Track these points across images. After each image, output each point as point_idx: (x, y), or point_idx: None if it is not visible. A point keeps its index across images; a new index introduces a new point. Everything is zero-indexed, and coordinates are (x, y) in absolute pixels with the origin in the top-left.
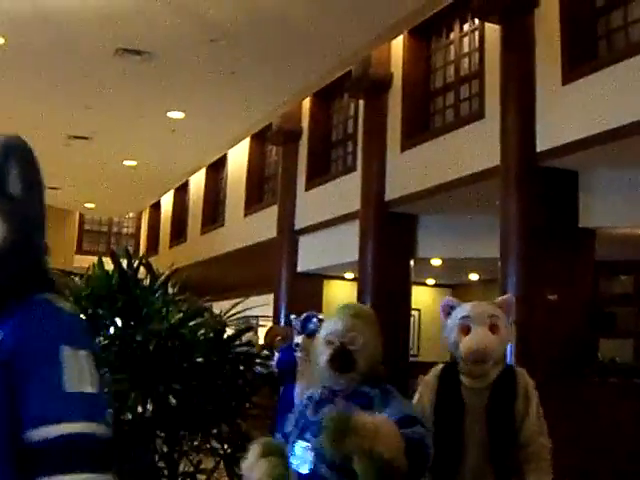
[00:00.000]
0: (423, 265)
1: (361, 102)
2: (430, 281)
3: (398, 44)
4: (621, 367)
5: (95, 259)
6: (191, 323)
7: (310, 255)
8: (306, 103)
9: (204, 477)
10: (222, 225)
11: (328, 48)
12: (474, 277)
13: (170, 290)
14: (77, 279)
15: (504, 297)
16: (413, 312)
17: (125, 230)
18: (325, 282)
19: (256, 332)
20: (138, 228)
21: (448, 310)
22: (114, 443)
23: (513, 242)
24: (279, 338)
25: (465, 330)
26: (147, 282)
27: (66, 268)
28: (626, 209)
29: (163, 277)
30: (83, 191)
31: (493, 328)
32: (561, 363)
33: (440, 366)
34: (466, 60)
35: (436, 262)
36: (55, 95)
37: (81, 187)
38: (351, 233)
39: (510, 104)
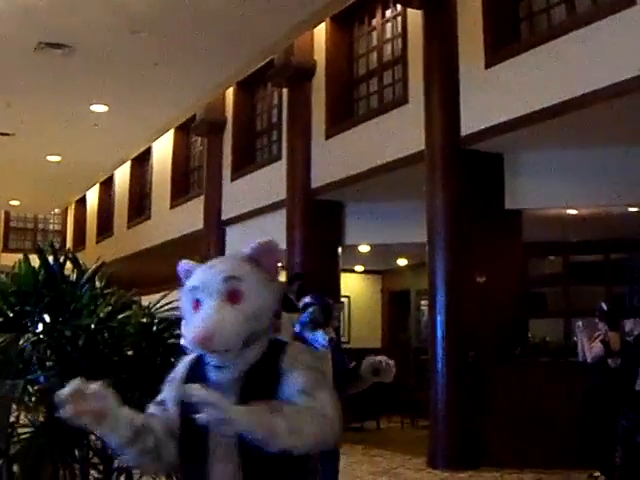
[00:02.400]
0: (351, 252)
1: (285, 91)
2: (359, 268)
3: (320, 32)
4: (552, 347)
5: (22, 256)
6: (120, 316)
7: (237, 245)
8: (230, 93)
9: (139, 471)
10: (148, 218)
11: (250, 37)
12: (403, 262)
13: (97, 284)
14: (3, 276)
15: (260, 242)
16: (342, 299)
17: (51, 226)
18: None
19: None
20: (64, 224)
21: (185, 277)
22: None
23: (440, 226)
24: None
25: (195, 306)
26: (74, 277)
27: None
28: (552, 190)
29: (90, 271)
30: (7, 188)
31: (233, 296)
32: (492, 344)
33: (190, 357)
34: (389, 46)
35: (364, 248)
36: None
37: (5, 184)
38: (278, 222)
39: (434, 89)
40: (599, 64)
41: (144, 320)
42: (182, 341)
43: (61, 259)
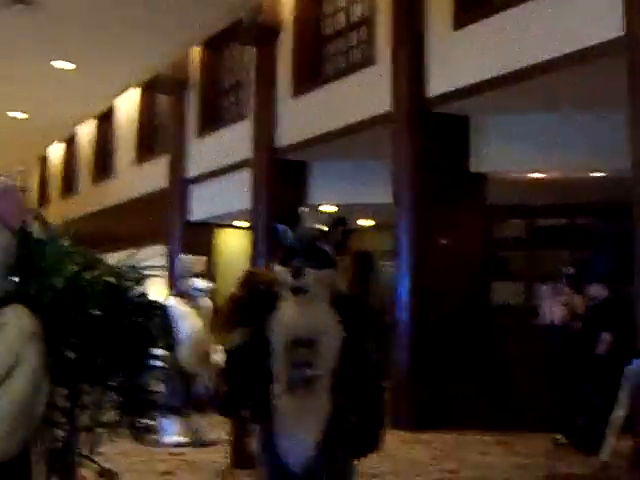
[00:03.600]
0: (315, 212)
1: (252, 49)
2: (323, 228)
3: None
4: (514, 310)
5: None
6: (87, 276)
7: (202, 204)
8: (196, 51)
9: (105, 431)
10: (113, 176)
11: None
12: (368, 223)
13: (64, 243)
14: None
15: None
16: None
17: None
18: (218, 231)
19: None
20: (27, 182)
21: None
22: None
23: (405, 187)
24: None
25: None
26: (40, 236)
27: None
28: (517, 153)
29: (57, 228)
30: None
31: None
32: (455, 307)
33: None
34: (357, 7)
35: (328, 209)
36: None
37: None
38: (243, 181)
39: (401, 50)
40: (566, 29)
41: (111, 279)
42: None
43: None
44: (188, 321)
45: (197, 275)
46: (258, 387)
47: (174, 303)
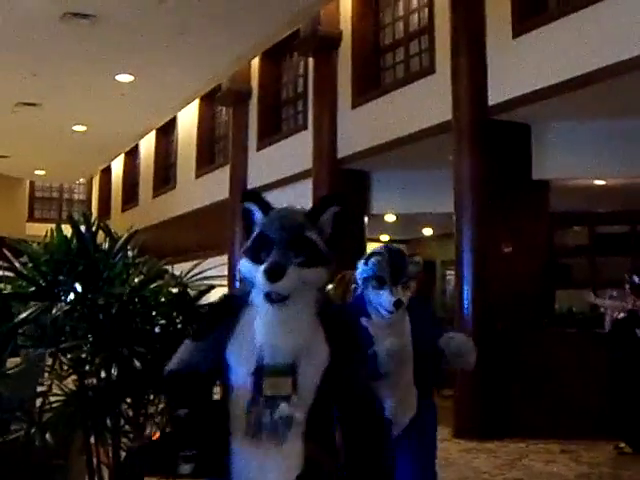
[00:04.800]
0: (377, 221)
1: (311, 60)
2: (384, 237)
3: (347, 1)
4: (578, 317)
5: (47, 226)
6: (152, 285)
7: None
8: (255, 63)
9: None
10: (174, 188)
11: (277, 6)
12: (428, 232)
13: (129, 253)
14: (35, 245)
15: None
16: None
17: (76, 196)
18: None
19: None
20: (89, 194)
21: None
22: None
23: (467, 196)
24: (354, 286)
25: None
26: (106, 246)
27: (18, 236)
28: (579, 160)
29: (122, 240)
30: (33, 158)
31: None
32: (519, 315)
33: None
34: (415, 16)
35: (390, 218)
36: (1, 63)
37: (31, 154)
38: (304, 192)
39: (461, 59)
40: (628, 33)
41: (176, 289)
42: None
43: (93, 228)
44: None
45: None
46: (206, 431)
47: None
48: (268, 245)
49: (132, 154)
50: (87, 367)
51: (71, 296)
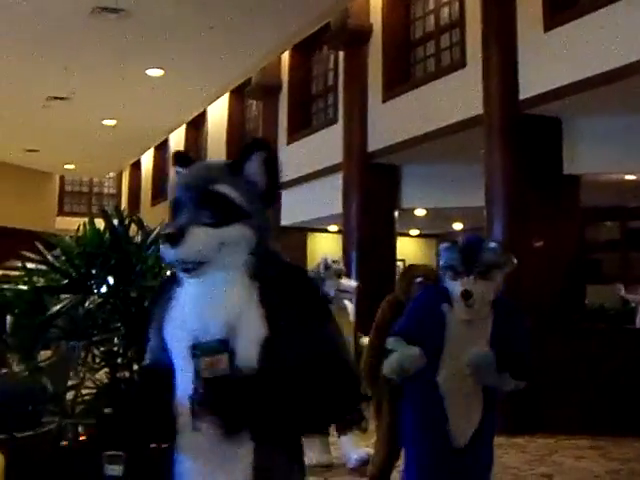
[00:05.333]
0: (407, 216)
1: (341, 54)
2: (414, 232)
3: None
4: (609, 313)
5: (77, 220)
6: None
7: (294, 209)
8: (285, 57)
9: None
10: None
11: (307, 0)
12: (458, 226)
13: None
14: (68, 238)
15: None
16: (398, 263)
17: (106, 190)
18: (309, 235)
19: None
20: (119, 188)
21: None
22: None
23: (498, 191)
24: (419, 280)
25: None
26: (138, 239)
27: (48, 230)
28: (610, 155)
29: (155, 233)
30: (63, 152)
31: None
32: (550, 310)
33: None
34: (446, 9)
35: (420, 212)
36: (33, 57)
37: (61, 148)
38: (334, 186)
39: (492, 52)
40: None
41: None
42: None
43: (126, 221)
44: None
45: (340, 275)
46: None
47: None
48: (178, 209)
49: (162, 148)
50: (119, 360)
51: (104, 289)
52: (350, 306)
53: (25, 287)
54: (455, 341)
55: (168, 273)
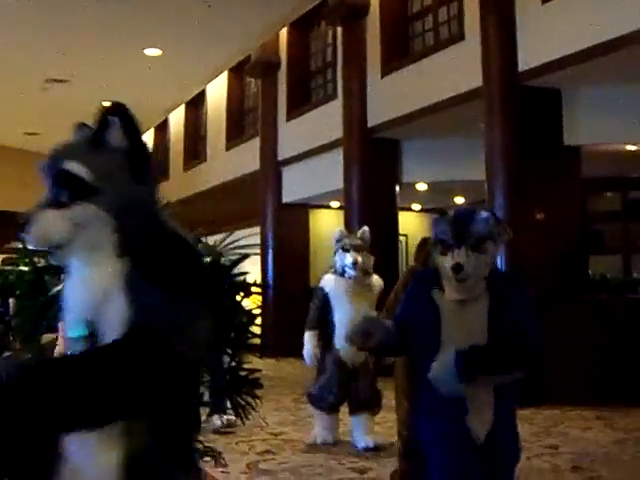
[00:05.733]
0: (409, 190)
1: (339, 29)
2: (416, 206)
3: None
4: (612, 283)
5: None
6: None
7: (295, 186)
8: (283, 33)
9: (207, 410)
10: (204, 160)
11: None
12: (460, 200)
13: None
14: None
15: None
16: (400, 238)
17: None
18: (311, 212)
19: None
20: None
21: None
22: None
23: (498, 163)
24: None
25: None
26: None
27: None
28: (611, 125)
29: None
30: (63, 135)
31: None
32: (553, 281)
33: None
34: None
35: (421, 187)
36: (31, 39)
37: (61, 131)
38: (335, 161)
39: (490, 25)
40: None
41: (209, 259)
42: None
43: None
44: (344, 305)
45: (352, 249)
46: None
47: (328, 283)
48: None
49: (162, 128)
50: None
51: None
52: (376, 281)
53: (26, 268)
54: (450, 326)
55: None
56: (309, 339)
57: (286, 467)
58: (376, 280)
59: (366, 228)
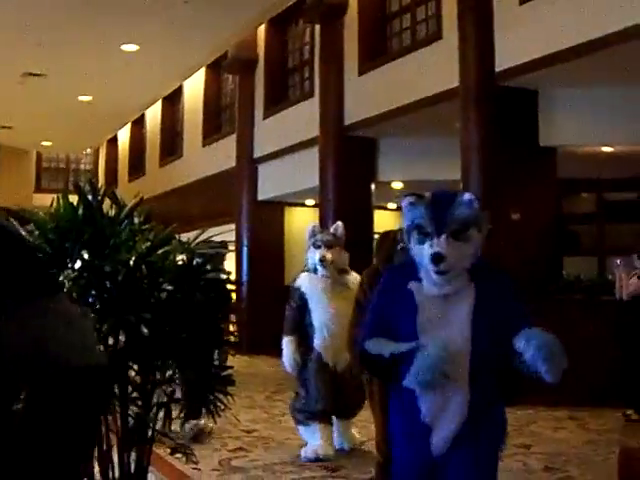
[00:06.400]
0: (384, 189)
1: (317, 27)
2: (392, 205)
3: None
4: (586, 284)
5: (54, 197)
6: (159, 251)
7: (270, 183)
8: (261, 30)
9: (178, 407)
10: (180, 157)
11: None
12: None
13: (136, 220)
14: (42, 213)
15: None
16: (375, 236)
17: (83, 166)
18: (286, 209)
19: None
20: (96, 164)
21: None
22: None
23: (474, 163)
24: (402, 245)
25: None
26: (112, 214)
27: (26, 207)
28: (587, 127)
29: (129, 207)
30: (39, 129)
31: None
32: (527, 282)
33: None
34: None
35: (397, 185)
36: (7, 33)
37: (37, 125)
38: (311, 159)
39: (468, 25)
40: (635, 0)
41: (183, 256)
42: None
43: (99, 196)
44: (322, 304)
45: (324, 245)
46: None
47: (303, 282)
48: None
49: (138, 123)
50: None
51: (78, 264)
52: (354, 279)
53: None
54: (429, 325)
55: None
56: (288, 344)
57: (258, 464)
58: (355, 278)
59: (340, 223)
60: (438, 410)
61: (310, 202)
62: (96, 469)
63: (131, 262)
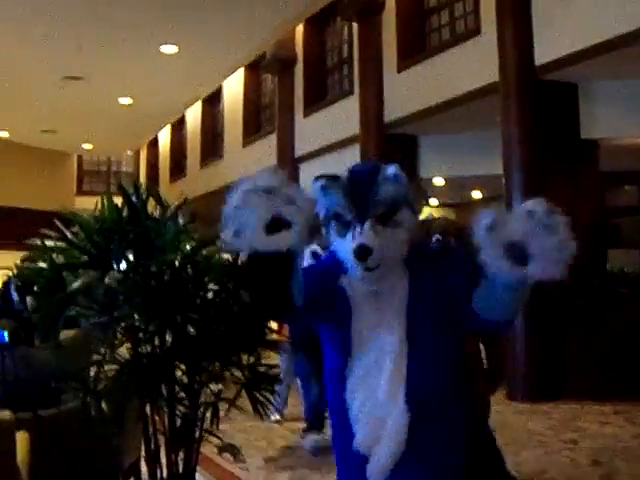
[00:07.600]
0: (426, 185)
1: (355, 25)
2: (433, 201)
3: None
4: (630, 277)
5: (96, 199)
6: (204, 251)
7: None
8: (299, 29)
9: (226, 406)
10: (221, 157)
11: None
12: (477, 195)
13: (180, 220)
14: (86, 215)
15: None
16: None
17: (124, 168)
18: None
19: None
20: (137, 166)
21: None
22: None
23: (516, 158)
24: (437, 237)
25: None
26: (157, 214)
27: (68, 209)
28: (628, 119)
29: (174, 207)
30: (80, 132)
31: None
32: (571, 276)
33: None
34: None
35: (439, 181)
36: (47, 37)
37: (78, 128)
38: (352, 157)
39: (506, 19)
40: None
41: (228, 255)
42: None
43: (144, 196)
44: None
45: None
46: None
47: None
48: None
49: (179, 125)
50: (140, 335)
51: (123, 265)
52: None
53: (44, 265)
54: (362, 325)
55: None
56: None
57: (304, 463)
58: None
59: None
60: (374, 434)
61: None
62: (144, 469)
63: (176, 262)
